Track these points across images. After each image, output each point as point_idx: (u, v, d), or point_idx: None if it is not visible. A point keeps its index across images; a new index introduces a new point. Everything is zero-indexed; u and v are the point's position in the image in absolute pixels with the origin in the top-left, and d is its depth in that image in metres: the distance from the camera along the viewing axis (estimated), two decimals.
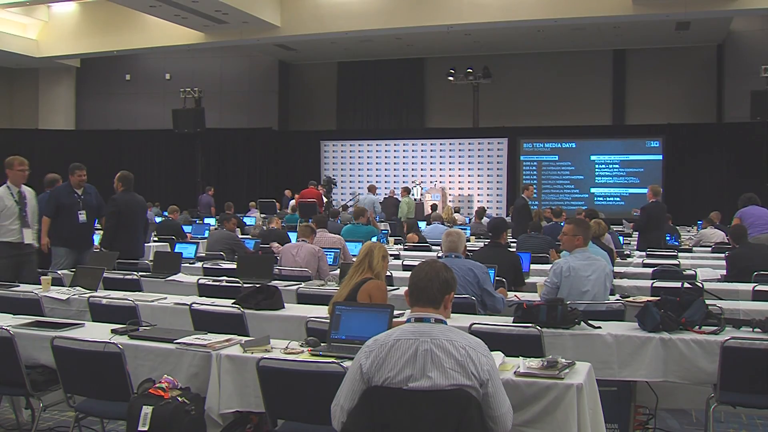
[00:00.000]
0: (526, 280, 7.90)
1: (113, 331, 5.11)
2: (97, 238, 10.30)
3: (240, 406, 4.51)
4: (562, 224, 12.95)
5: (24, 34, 24.88)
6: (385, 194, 23.17)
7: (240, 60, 27.48)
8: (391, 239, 12.57)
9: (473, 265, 6.45)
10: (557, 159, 25.39)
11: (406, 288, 3.65)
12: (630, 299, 6.35)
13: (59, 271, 8.41)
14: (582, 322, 5.22)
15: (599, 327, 5.19)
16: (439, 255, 8.14)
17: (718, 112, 24.21)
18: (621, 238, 12.59)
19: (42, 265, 8.81)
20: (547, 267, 7.24)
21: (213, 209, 20.95)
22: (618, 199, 24.59)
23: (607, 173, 24.79)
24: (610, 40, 23.54)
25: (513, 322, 5.23)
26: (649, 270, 8.91)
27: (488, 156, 25.76)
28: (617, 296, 6.64)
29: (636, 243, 12.72)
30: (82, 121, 29.08)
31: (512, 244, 10.99)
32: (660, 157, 24.25)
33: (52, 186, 10.06)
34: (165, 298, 6.76)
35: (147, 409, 4.12)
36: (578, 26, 20.97)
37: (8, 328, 5.00)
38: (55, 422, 5.80)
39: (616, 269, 8.64)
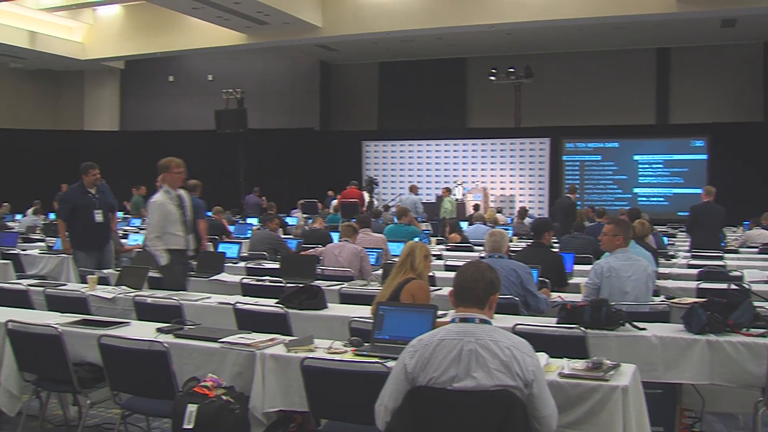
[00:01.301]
0: (569, 281, 7.85)
1: (158, 330, 5.16)
2: (141, 237, 10.42)
3: (284, 405, 4.53)
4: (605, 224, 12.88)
5: (70, 37, 25.25)
6: (437, 194, 23.09)
7: (281, 61, 27.61)
8: (433, 239, 12.55)
9: (516, 266, 6.41)
10: (600, 159, 25.17)
11: (450, 288, 3.64)
12: (675, 300, 6.27)
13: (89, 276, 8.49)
14: (626, 324, 5.17)
15: (644, 328, 5.13)
16: (482, 255, 8.12)
17: (765, 111, 23.84)
18: (665, 239, 12.45)
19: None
20: (590, 268, 7.17)
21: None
22: (662, 199, 24.31)
23: (650, 173, 24.54)
24: (654, 38, 23.28)
25: (557, 323, 5.20)
26: (695, 271, 8.80)
27: (530, 156, 25.62)
28: (662, 297, 6.57)
29: (688, 244, 12.54)
30: (126, 122, 29.42)
31: (554, 245, 10.91)
32: (705, 156, 23.94)
33: (194, 191, 10.20)
34: (209, 298, 6.81)
35: (192, 408, 4.15)
36: (621, 25, 20.76)
37: (56, 326, 5.07)
38: (101, 419, 5.86)
39: (661, 270, 8.55)
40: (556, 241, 11.92)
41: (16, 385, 5.36)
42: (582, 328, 4.94)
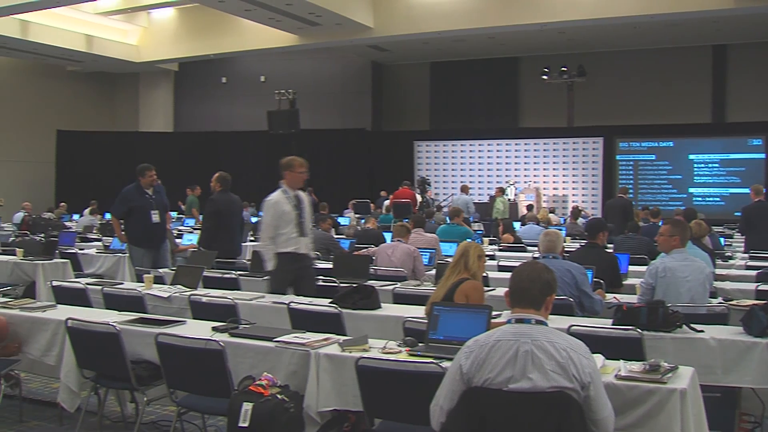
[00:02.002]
0: (624, 282, 7.76)
1: (214, 329, 5.22)
2: (195, 237, 10.55)
3: (338, 404, 4.55)
4: (660, 224, 12.72)
5: (125, 40, 25.66)
6: (489, 194, 22.99)
7: (333, 61, 27.69)
8: (486, 239, 12.50)
9: (571, 266, 6.36)
10: (654, 158, 24.82)
11: (506, 289, 3.62)
12: (733, 302, 6.17)
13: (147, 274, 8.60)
14: (684, 325, 5.10)
15: (702, 330, 5.06)
16: (536, 255, 8.06)
17: None
18: (722, 239, 12.24)
19: None
20: (645, 269, 7.09)
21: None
22: (718, 199, 23.90)
23: (706, 173, 24.13)
24: (710, 35, 22.87)
25: (612, 324, 5.14)
26: (753, 272, 8.64)
27: (583, 156, 25.35)
28: (719, 299, 6.46)
29: (743, 245, 12.32)
30: (179, 124, 29.78)
31: (608, 246, 10.78)
32: (762, 155, 23.45)
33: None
34: (263, 297, 6.86)
35: (247, 406, 4.19)
36: (676, 22, 20.44)
37: (115, 324, 5.16)
38: (157, 416, 5.94)
39: (718, 271, 8.41)
40: (609, 241, 11.81)
41: (75, 381, 5.47)
42: (638, 330, 4.88)
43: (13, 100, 26.84)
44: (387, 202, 18.82)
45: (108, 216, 19.57)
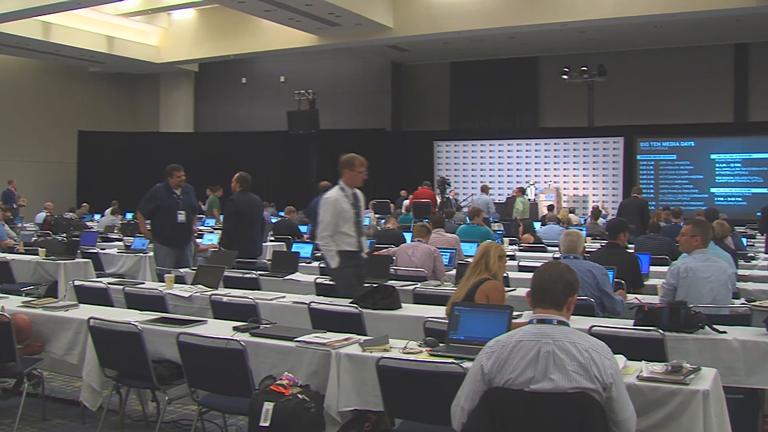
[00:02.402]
0: (645, 282, 7.71)
1: (235, 329, 5.24)
2: (215, 237, 10.60)
3: (358, 404, 4.55)
4: (681, 224, 12.64)
5: (146, 41, 25.80)
6: (508, 195, 22.94)
7: (353, 61, 27.72)
8: (506, 240, 12.47)
9: (592, 267, 6.33)
10: (675, 158, 24.68)
11: (527, 289, 3.60)
12: (756, 303, 6.11)
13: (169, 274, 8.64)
14: (706, 326, 5.06)
15: (724, 332, 5.02)
16: (556, 256, 8.03)
17: None
18: (744, 240, 12.16)
19: None
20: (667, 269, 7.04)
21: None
22: (740, 199, 23.74)
23: (728, 172, 23.97)
24: (732, 34, 22.72)
25: (634, 325, 5.12)
26: None
27: (603, 156, 25.24)
28: (742, 300, 6.41)
29: (765, 245, 12.24)
30: (200, 124, 29.90)
31: (629, 246, 10.73)
32: None
33: (325, 192, 10.40)
34: (283, 297, 6.87)
35: (268, 406, 4.20)
36: (697, 21, 20.31)
37: (136, 323, 5.18)
38: (178, 415, 5.96)
39: (740, 272, 8.35)
40: (630, 242, 11.75)
41: (97, 380, 5.50)
42: (660, 331, 4.85)
43: (36, 102, 27.06)
44: (407, 202, 18.82)
45: (129, 216, 19.76)
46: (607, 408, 3.27)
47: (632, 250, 9.60)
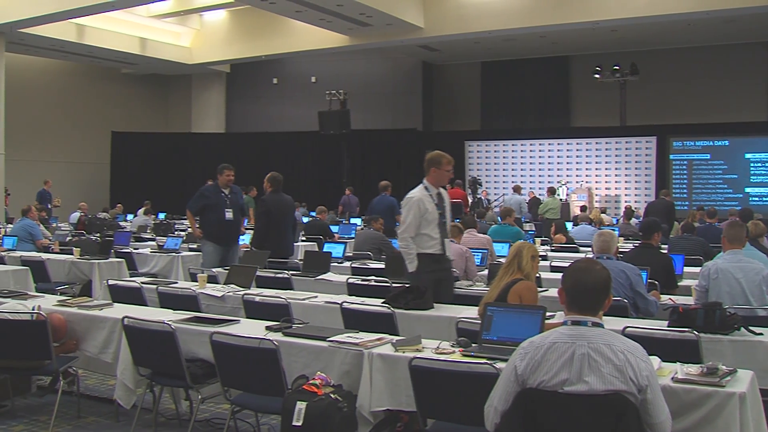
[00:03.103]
0: (679, 283, 7.64)
1: (268, 328, 5.26)
2: (247, 237, 10.65)
3: (391, 404, 4.55)
4: (716, 225, 12.52)
5: (178, 42, 26.00)
6: (540, 194, 22.82)
7: (384, 62, 27.73)
8: (538, 240, 12.41)
9: (625, 267, 6.27)
10: (709, 158, 24.40)
11: (559, 289, 3.57)
12: None
13: (214, 270, 8.69)
14: (742, 328, 5.00)
15: (761, 333, 4.96)
16: (589, 256, 7.97)
17: None
18: None
19: None
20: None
21: (357, 209, 21.00)
22: None
23: (763, 172, 23.66)
24: (766, 31, 22.41)
25: (668, 326, 5.07)
26: None
27: (636, 155, 25.03)
28: None
29: None
30: (231, 124, 30.04)
31: (662, 246, 10.63)
32: None
33: (386, 191, 10.39)
34: (315, 297, 6.88)
35: (301, 405, 4.21)
36: (731, 18, 20.08)
37: (170, 323, 5.22)
38: (211, 414, 5.99)
39: None
40: (663, 242, 11.65)
41: (131, 379, 5.55)
42: (695, 332, 4.80)
43: (70, 103, 27.37)
44: None
45: (162, 216, 19.92)
46: (642, 410, 3.23)
47: (665, 251, 9.51)
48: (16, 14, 19.64)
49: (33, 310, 5.81)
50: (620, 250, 8.54)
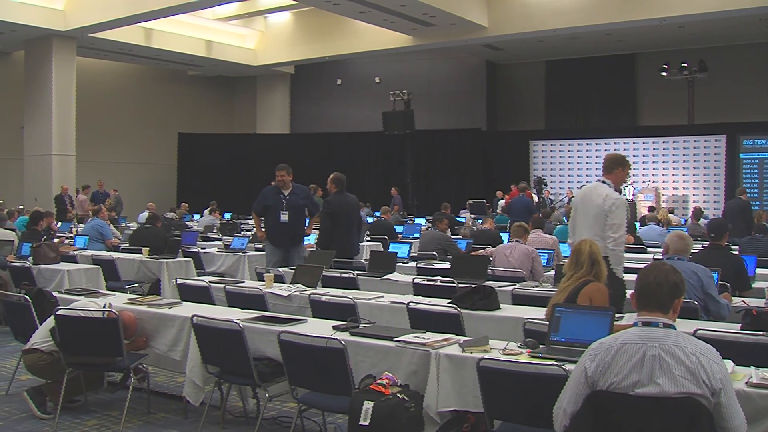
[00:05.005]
0: (752, 285, 7.46)
1: (335, 328, 5.28)
2: (313, 237, 10.70)
3: (457, 405, 4.53)
4: None
5: (243, 44, 26.33)
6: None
7: (448, 61, 27.70)
8: None
9: (697, 269, 6.14)
10: None
11: (632, 291, 3.52)
12: None
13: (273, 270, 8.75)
14: None
15: None
16: (657, 257, 7.84)
17: None
18: None
19: None
20: None
21: (396, 207, 20.79)
22: None
23: None
24: None
25: (741, 329, 4.96)
26: None
27: (704, 154, 24.55)
28: None
29: None
30: (296, 125, 30.29)
31: (732, 247, 10.40)
32: None
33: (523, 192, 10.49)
34: (382, 297, 6.89)
35: (368, 405, 4.21)
36: None
37: (238, 321, 5.27)
38: (278, 412, 6.03)
39: None
40: (733, 243, 11.40)
41: (200, 376, 5.63)
42: None
43: (138, 105, 27.88)
44: (502, 203, 18.67)
45: (228, 216, 20.15)
46: (716, 414, 3.16)
47: (735, 252, 9.31)
48: (87, 20, 20.13)
49: (104, 307, 5.93)
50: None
